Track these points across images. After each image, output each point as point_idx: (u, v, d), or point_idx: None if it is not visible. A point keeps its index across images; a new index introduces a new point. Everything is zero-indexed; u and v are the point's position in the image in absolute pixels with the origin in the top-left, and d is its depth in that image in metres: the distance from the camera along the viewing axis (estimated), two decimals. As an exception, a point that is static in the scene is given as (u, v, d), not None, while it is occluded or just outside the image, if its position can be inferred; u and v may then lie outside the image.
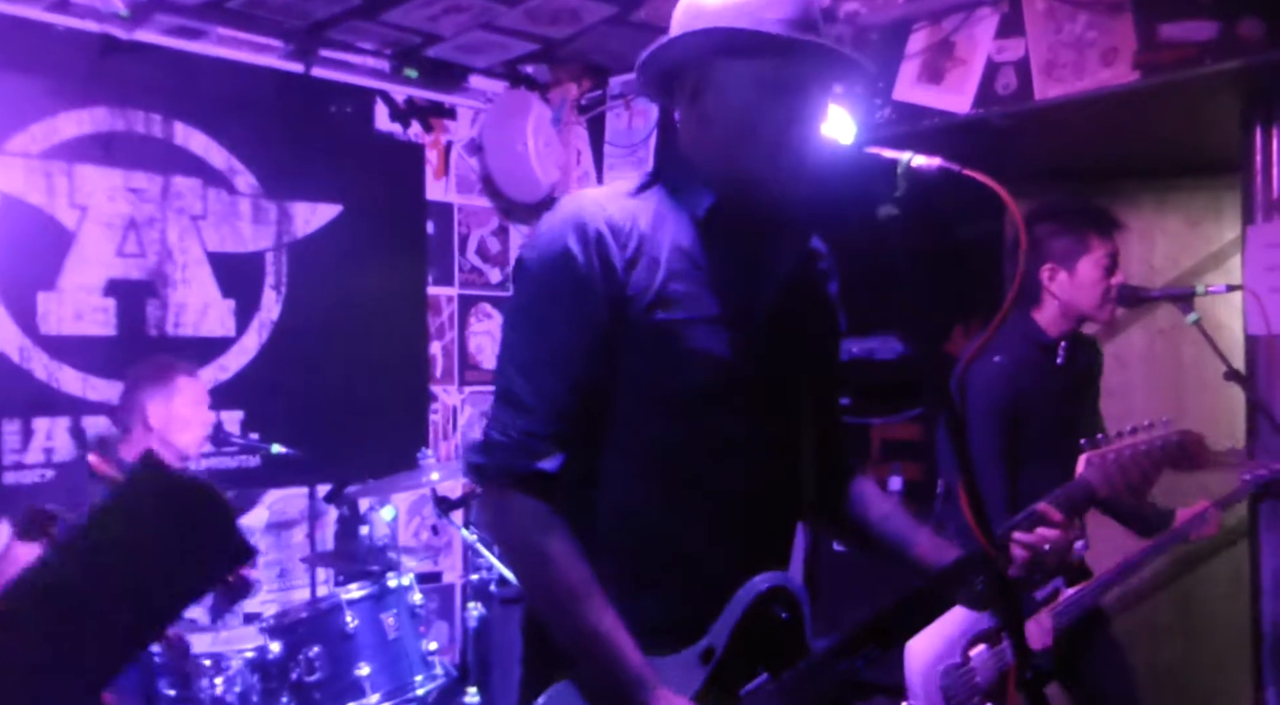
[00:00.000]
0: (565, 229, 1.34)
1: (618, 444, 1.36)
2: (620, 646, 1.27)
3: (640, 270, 1.34)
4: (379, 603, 2.79)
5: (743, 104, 1.35)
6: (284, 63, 3.77)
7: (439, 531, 4.12)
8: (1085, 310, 2.52)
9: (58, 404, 3.28)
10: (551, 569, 1.30)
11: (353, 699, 2.65)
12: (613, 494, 1.37)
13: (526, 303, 1.37)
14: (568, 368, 1.33)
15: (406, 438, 3.94)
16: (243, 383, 3.66)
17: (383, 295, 4.04)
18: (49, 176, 3.30)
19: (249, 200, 3.73)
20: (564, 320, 1.33)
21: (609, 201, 1.38)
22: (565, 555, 1.30)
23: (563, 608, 1.30)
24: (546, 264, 1.34)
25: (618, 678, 1.27)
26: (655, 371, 1.34)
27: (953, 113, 3.16)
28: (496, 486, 1.34)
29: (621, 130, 4.12)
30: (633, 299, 1.33)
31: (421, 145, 4.21)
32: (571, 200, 1.40)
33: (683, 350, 1.34)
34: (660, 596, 1.36)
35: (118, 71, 3.42)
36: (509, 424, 1.33)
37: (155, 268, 3.51)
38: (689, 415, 1.36)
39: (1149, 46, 2.75)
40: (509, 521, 1.34)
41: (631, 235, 1.34)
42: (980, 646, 2.30)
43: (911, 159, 1.28)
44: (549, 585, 1.31)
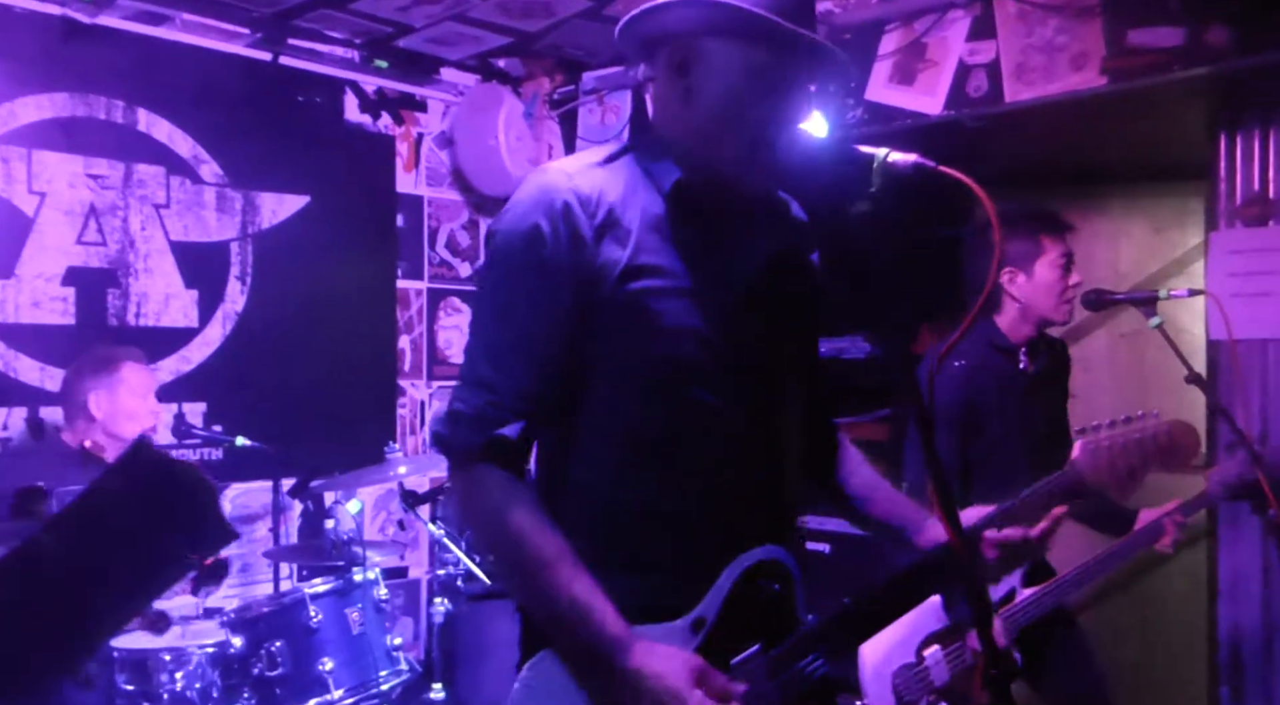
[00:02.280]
0: (532, 202, 1.33)
1: (594, 422, 1.35)
2: (596, 610, 1.26)
3: (609, 241, 1.32)
4: (343, 597, 2.76)
5: (732, 89, 1.34)
6: (251, 51, 3.71)
7: (405, 526, 4.09)
8: (1044, 312, 2.55)
9: (14, 393, 3.21)
10: (520, 538, 1.28)
11: (316, 694, 2.62)
12: (593, 473, 1.36)
13: (494, 278, 1.36)
14: (532, 344, 1.32)
15: (373, 432, 3.89)
16: (206, 374, 3.60)
17: (351, 288, 4.00)
18: (6, 162, 3.23)
19: (214, 189, 3.67)
20: (530, 295, 1.31)
21: (577, 172, 1.35)
22: (533, 523, 1.29)
23: (533, 576, 1.28)
24: (513, 239, 1.33)
25: (595, 641, 1.26)
26: (628, 345, 1.33)
27: (924, 114, 3.19)
28: (461, 457, 1.33)
29: (594, 125, 4.10)
30: (602, 270, 1.31)
31: (392, 137, 4.17)
32: (539, 173, 1.38)
33: (655, 323, 1.32)
34: (647, 575, 1.35)
35: (80, 56, 3.35)
36: (471, 397, 1.33)
37: (116, 256, 3.45)
38: (664, 390, 1.34)
39: (1117, 52, 2.79)
40: (475, 493, 1.33)
41: (600, 205, 1.32)
42: (934, 647, 2.32)
43: (887, 155, 1.28)
44: (518, 555, 1.29)
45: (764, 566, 1.37)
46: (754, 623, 1.35)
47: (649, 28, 1.38)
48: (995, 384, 2.52)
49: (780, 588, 1.38)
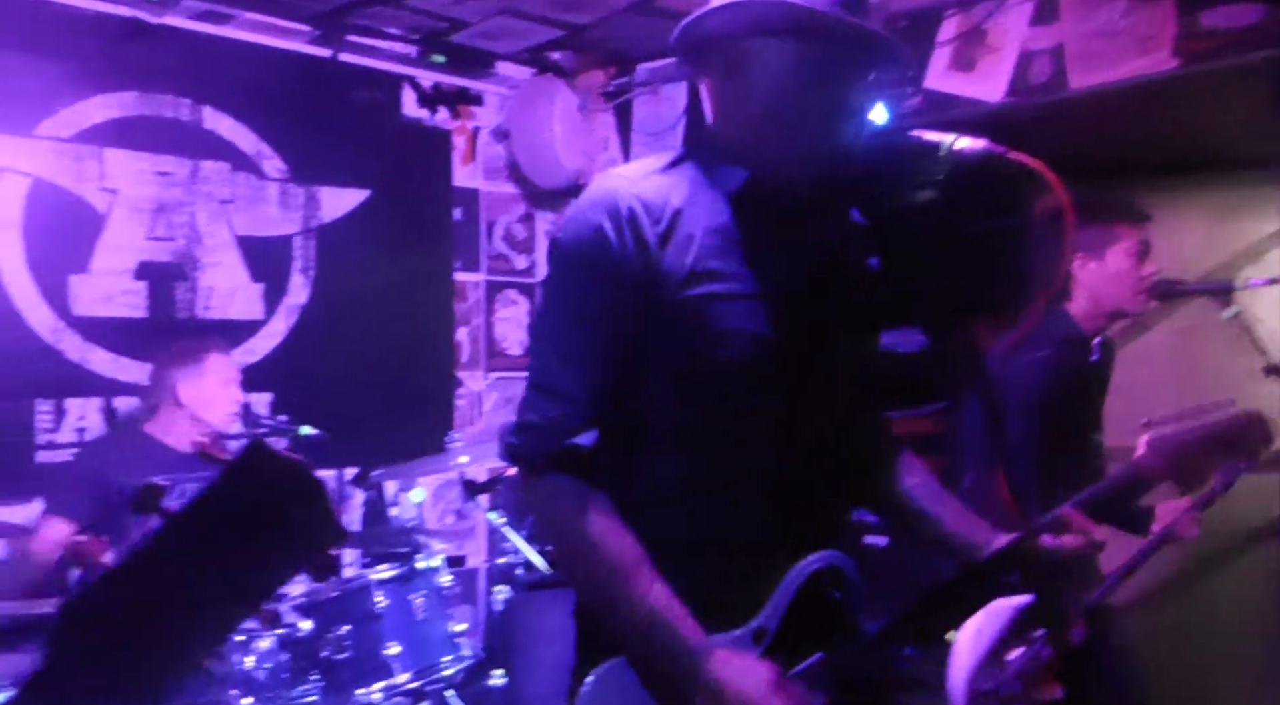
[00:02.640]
0: (597, 208, 1.33)
1: (656, 427, 1.35)
2: (675, 618, 1.25)
3: (673, 247, 1.32)
4: (407, 584, 2.81)
5: (785, 86, 1.33)
6: (311, 47, 3.77)
7: (464, 516, 4.14)
8: (1117, 302, 2.50)
9: (89, 385, 3.31)
10: (598, 547, 1.29)
11: (381, 678, 2.67)
12: (655, 477, 1.36)
13: (559, 284, 1.37)
14: (601, 350, 1.32)
15: (432, 422, 3.96)
16: (271, 365, 3.68)
17: (409, 280, 4.05)
18: (79, 160, 3.32)
19: (277, 185, 3.75)
20: (597, 301, 1.32)
21: (641, 178, 1.36)
22: (611, 532, 1.29)
23: (610, 586, 1.28)
24: (579, 244, 1.33)
25: (674, 649, 1.25)
26: (691, 350, 1.32)
27: (984, 101, 3.14)
28: (533, 468, 1.34)
29: (649, 117, 4.10)
30: (667, 276, 1.31)
31: (448, 131, 4.22)
32: (602, 179, 1.38)
33: (718, 327, 1.32)
34: (706, 580, 1.33)
35: (146, 56, 3.43)
36: (543, 406, 1.33)
37: (184, 251, 3.54)
38: (726, 394, 1.34)
39: (1190, 33, 2.72)
40: (549, 503, 1.33)
41: (664, 211, 1.32)
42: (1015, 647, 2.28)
43: (955, 142, 1.27)
44: (596, 563, 1.29)
45: (825, 574, 1.36)
46: (815, 631, 1.34)
47: (698, 35, 1.38)
48: (1073, 374, 2.48)
49: (841, 595, 1.37)
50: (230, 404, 3.09)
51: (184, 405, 3.02)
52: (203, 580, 0.62)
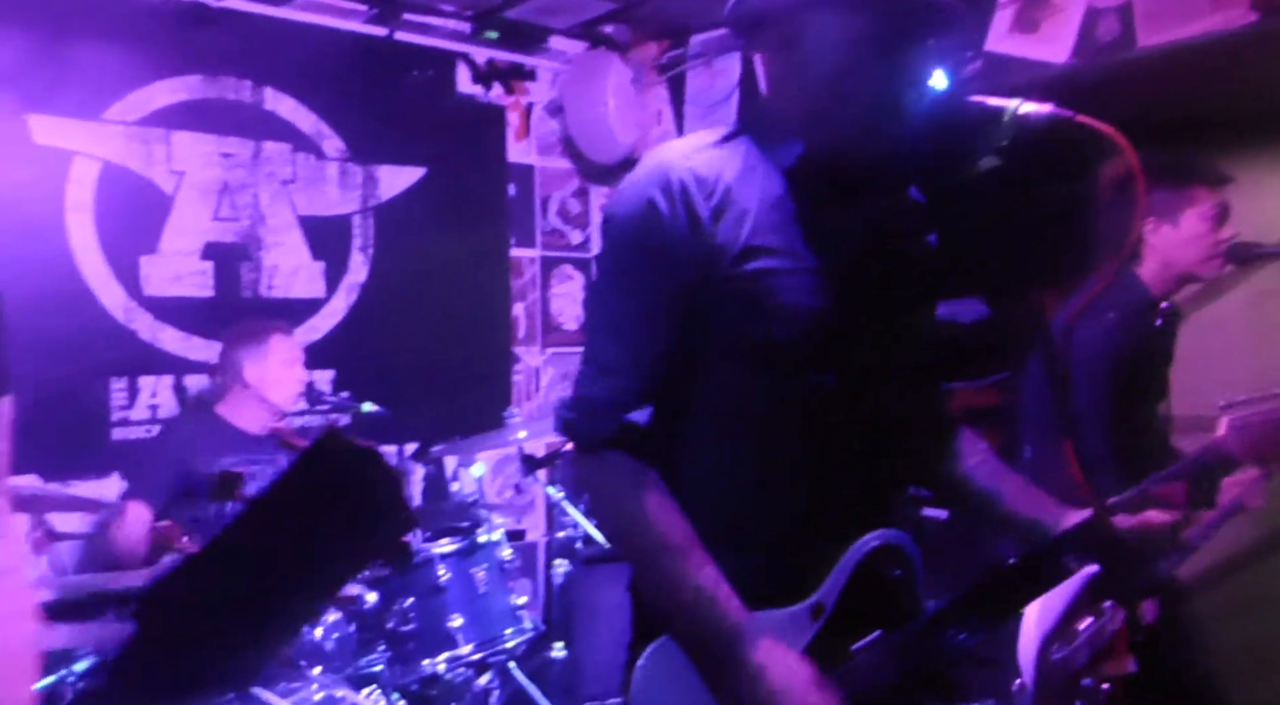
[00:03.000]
0: (649, 182, 1.32)
1: (709, 403, 1.35)
2: (721, 600, 1.26)
3: (727, 221, 1.30)
4: (469, 558, 2.86)
5: (840, 58, 1.30)
6: (368, 27, 3.81)
7: (522, 490, 4.19)
8: (1190, 266, 2.42)
9: (161, 363, 3.41)
10: (649, 525, 1.29)
11: (446, 649, 2.73)
12: (705, 452, 1.36)
13: (612, 259, 1.36)
14: (655, 325, 1.32)
15: (490, 398, 4.00)
16: (333, 343, 3.75)
17: (466, 257, 4.09)
18: (147, 143, 3.40)
19: (336, 164, 3.80)
20: (650, 276, 1.31)
21: (694, 152, 1.34)
22: (662, 510, 1.29)
23: (659, 563, 1.29)
24: (631, 219, 1.32)
25: (718, 631, 1.26)
26: (744, 326, 1.31)
27: (1049, 63, 3.04)
28: (587, 443, 1.34)
29: (702, 90, 4.07)
30: (720, 251, 1.30)
31: (503, 107, 4.23)
32: (655, 153, 1.37)
33: (771, 303, 1.30)
34: (761, 555, 1.34)
35: (209, 39, 3.49)
36: (597, 382, 1.33)
37: (248, 231, 3.61)
38: (779, 369, 1.33)
39: (1269, -15, 2.60)
40: (602, 479, 1.34)
41: (717, 185, 1.31)
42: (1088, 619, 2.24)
43: (1019, 106, 1.23)
44: (646, 541, 1.30)
45: (885, 551, 1.35)
46: (874, 608, 1.34)
47: (751, 10, 1.36)
48: (1142, 339, 2.41)
49: (901, 573, 1.36)
50: (295, 384, 3.16)
51: (250, 385, 3.09)
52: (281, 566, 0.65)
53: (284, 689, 2.40)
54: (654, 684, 1.32)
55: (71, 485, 3.20)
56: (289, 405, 3.17)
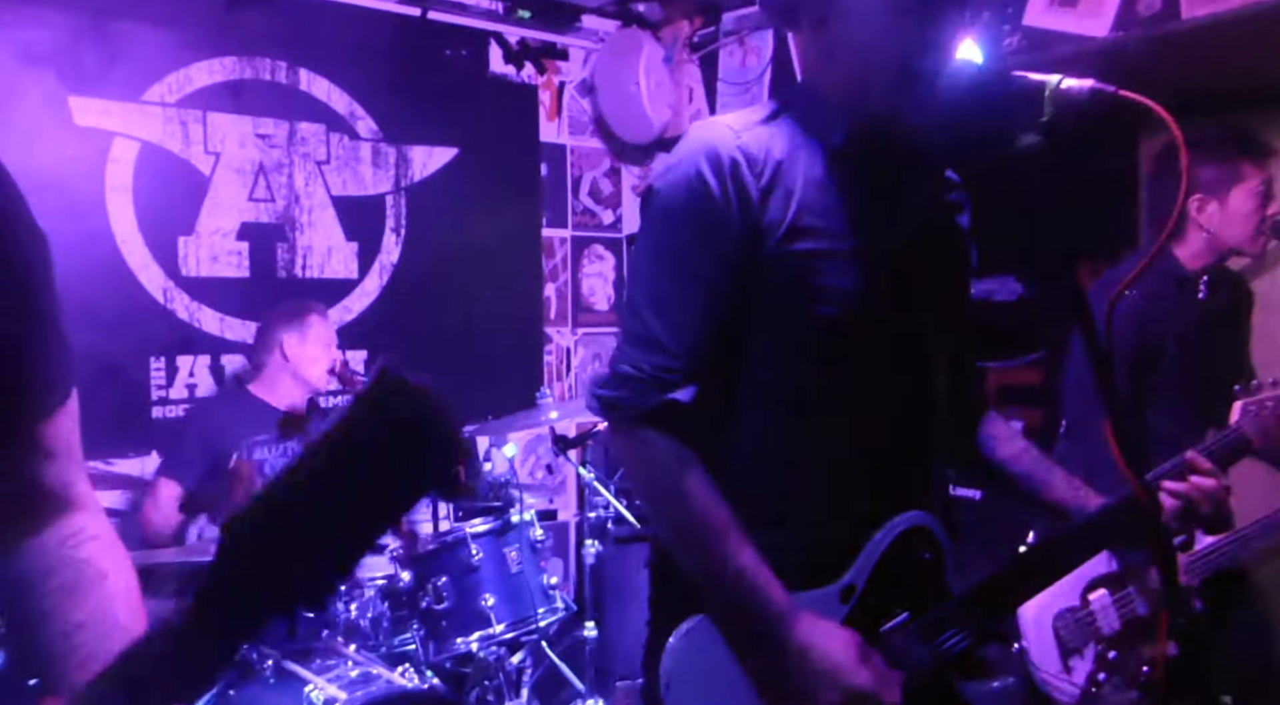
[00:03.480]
0: (698, 157, 1.29)
1: (749, 381, 1.34)
2: (763, 581, 1.25)
3: (775, 201, 1.29)
4: (501, 537, 2.88)
5: (871, 33, 1.29)
6: (401, 7, 3.80)
7: (553, 470, 4.21)
8: (1236, 243, 2.39)
9: (198, 342, 3.46)
10: (690, 506, 1.27)
11: (479, 628, 2.75)
12: (744, 432, 1.35)
13: (658, 235, 1.33)
14: (702, 302, 1.29)
15: (522, 378, 4.02)
16: (366, 323, 3.79)
17: (498, 237, 4.10)
18: (184, 124, 3.44)
19: (369, 145, 3.82)
20: (698, 253, 1.29)
21: (743, 129, 1.32)
22: (703, 492, 1.28)
23: (702, 545, 1.27)
24: (680, 195, 1.30)
25: (762, 612, 1.25)
26: (787, 306, 1.30)
27: (1089, 37, 2.98)
28: (628, 422, 1.31)
29: (735, 67, 4.03)
30: (767, 230, 1.28)
31: (535, 87, 4.22)
32: (703, 127, 1.35)
33: (815, 284, 1.30)
34: (794, 534, 1.34)
35: (245, 21, 3.51)
36: (640, 358, 1.30)
37: (284, 212, 3.64)
38: (820, 349, 1.32)
39: (1318, -45, 2.53)
40: (644, 458, 1.31)
41: (766, 164, 1.30)
42: (1100, 591, 2.23)
43: (1060, 82, 1.20)
44: (687, 522, 1.28)
45: (914, 533, 1.35)
46: (902, 590, 1.34)
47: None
48: (1171, 316, 2.38)
49: (930, 556, 1.36)
50: (327, 361, 3.22)
51: (290, 361, 3.15)
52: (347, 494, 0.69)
53: (320, 666, 2.44)
54: (690, 663, 1.31)
55: (112, 463, 3.26)
56: (322, 384, 3.22)
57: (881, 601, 1.33)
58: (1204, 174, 2.37)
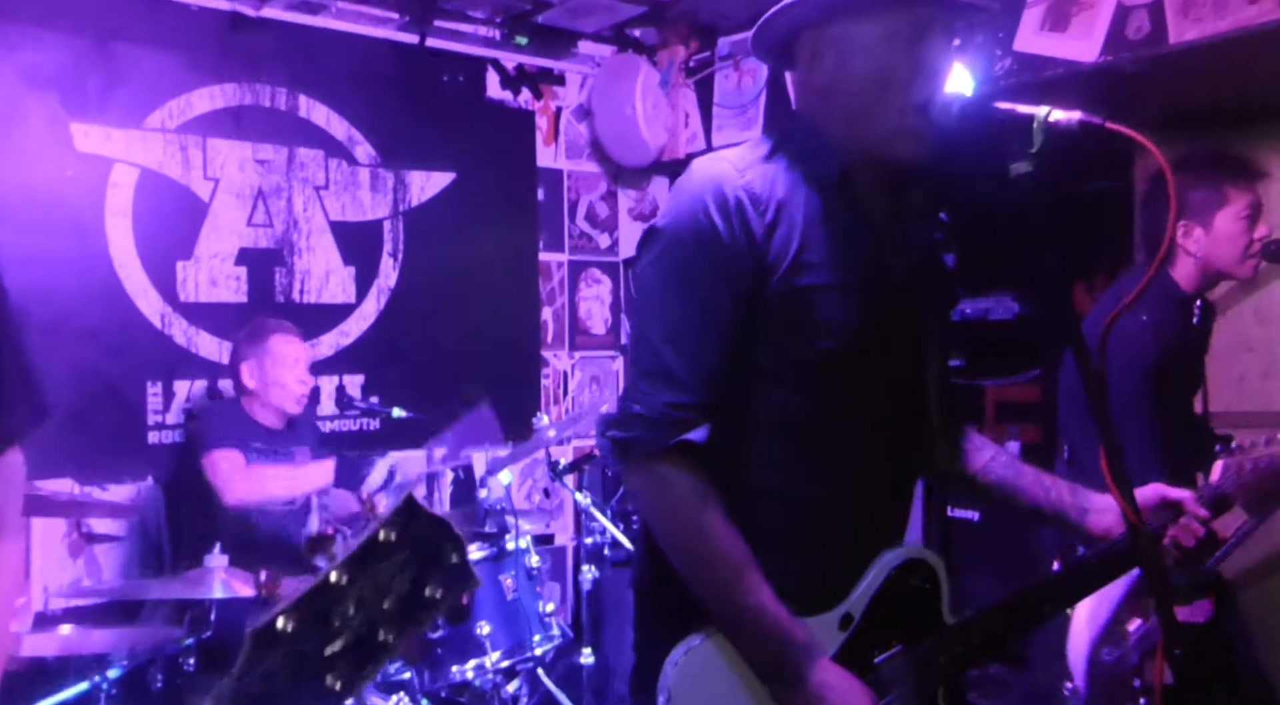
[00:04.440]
0: (704, 196, 1.32)
1: (753, 414, 1.35)
2: (784, 620, 1.28)
3: (778, 238, 1.31)
4: (497, 564, 2.87)
5: (864, 64, 1.32)
6: (400, 34, 3.84)
7: (550, 494, 4.20)
8: (1225, 267, 2.38)
9: (195, 367, 3.46)
10: (711, 542, 1.29)
11: (474, 655, 2.74)
12: (746, 458, 1.36)
13: (666, 272, 1.34)
14: (715, 336, 1.31)
15: (520, 402, 4.01)
16: (363, 348, 3.79)
17: (495, 261, 4.11)
18: (184, 150, 3.46)
19: (368, 170, 3.84)
20: (708, 288, 1.31)
21: (746, 167, 1.35)
22: (723, 528, 1.29)
23: (724, 582, 1.29)
24: (688, 233, 1.32)
25: (784, 649, 1.27)
26: (786, 339, 1.33)
27: (1079, 61, 3.01)
28: (643, 461, 1.32)
29: (730, 91, 4.06)
30: (771, 267, 1.31)
31: (531, 112, 4.24)
32: (707, 165, 1.37)
33: (813, 318, 1.32)
34: (794, 561, 1.35)
35: (246, 47, 3.54)
36: (651, 396, 1.30)
37: (282, 236, 3.65)
38: (818, 383, 1.34)
39: (1301, -20, 2.56)
40: (662, 495, 1.32)
41: (769, 202, 1.32)
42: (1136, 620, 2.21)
43: (1048, 114, 1.22)
44: (706, 558, 1.30)
45: (912, 565, 1.38)
46: (899, 621, 1.36)
47: (777, 31, 1.38)
48: (1178, 338, 2.38)
49: (925, 587, 1.38)
50: (296, 385, 3.13)
51: (251, 391, 3.11)
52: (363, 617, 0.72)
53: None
54: (693, 680, 1.31)
55: (108, 488, 3.25)
56: (292, 407, 3.16)
57: (877, 631, 1.35)
58: (1189, 199, 2.36)
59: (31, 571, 3.11)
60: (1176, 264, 2.42)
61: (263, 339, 3.13)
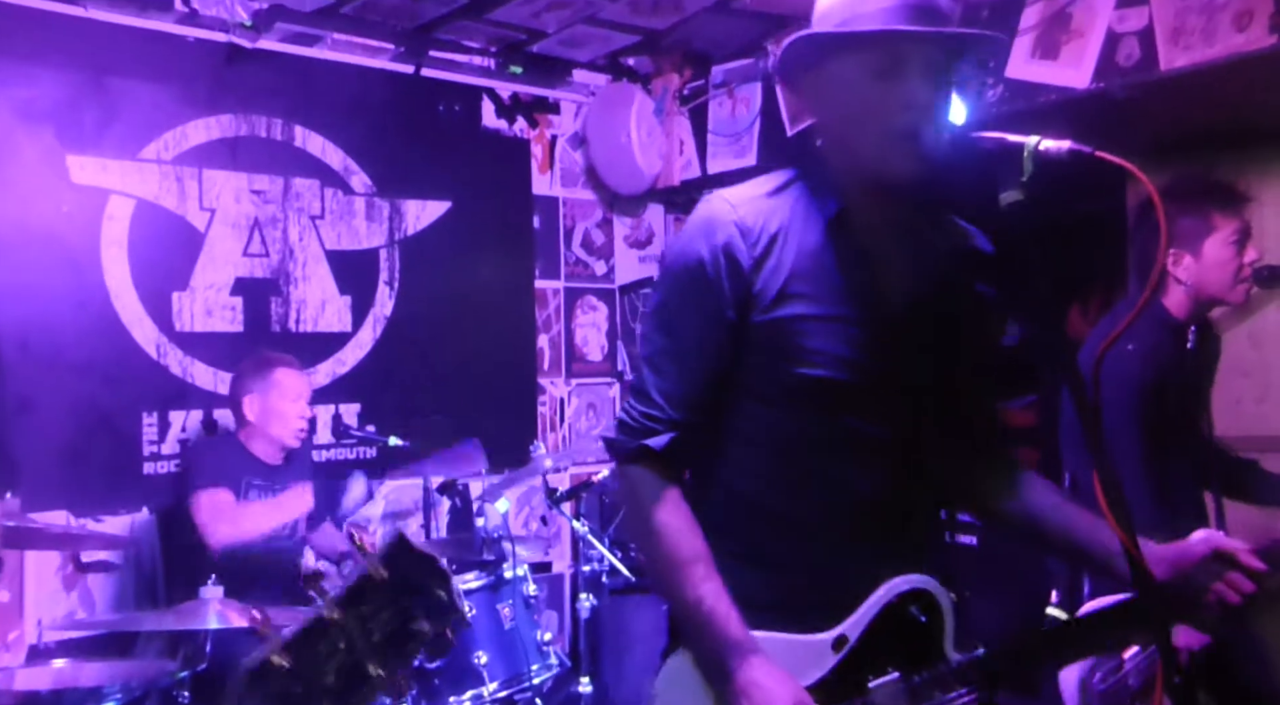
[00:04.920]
0: (697, 233, 1.42)
1: (741, 431, 1.42)
2: (720, 613, 1.32)
3: (766, 269, 1.38)
4: (495, 593, 2.85)
5: (845, 101, 1.36)
6: (395, 64, 3.87)
7: (548, 522, 4.19)
8: (1216, 293, 2.39)
9: (191, 397, 3.45)
10: (661, 536, 1.38)
11: (472, 686, 2.72)
12: (737, 476, 1.44)
13: (659, 302, 1.47)
14: (689, 364, 1.41)
15: (517, 429, 4.01)
16: (359, 376, 3.79)
17: (491, 289, 4.12)
18: (180, 181, 3.47)
19: (364, 199, 3.85)
20: (689, 321, 1.41)
21: (742, 203, 1.42)
22: (673, 524, 1.38)
23: (668, 574, 1.37)
24: (678, 266, 1.43)
25: (715, 643, 1.31)
26: (774, 365, 1.39)
27: (1070, 88, 3.04)
28: (620, 460, 1.45)
29: (724, 119, 4.09)
30: (758, 296, 1.38)
31: (527, 140, 4.27)
32: (707, 203, 1.45)
33: (800, 346, 1.37)
34: (782, 574, 1.40)
35: (242, 79, 3.56)
36: (633, 407, 1.44)
37: (278, 266, 3.66)
38: (806, 408, 1.38)
39: (1289, 8, 2.59)
40: (628, 492, 1.45)
41: (761, 236, 1.39)
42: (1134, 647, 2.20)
43: (1039, 143, 1.23)
44: (656, 552, 1.39)
45: (915, 596, 1.39)
46: (896, 649, 1.38)
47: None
48: (1173, 364, 2.38)
49: (927, 619, 1.39)
50: (295, 420, 3.14)
51: (252, 422, 3.11)
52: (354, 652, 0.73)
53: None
54: (671, 686, 1.40)
55: (103, 520, 3.23)
56: (290, 441, 3.17)
57: (873, 657, 1.36)
58: (1177, 227, 2.36)
59: (25, 604, 3.09)
60: (1169, 292, 2.43)
61: (267, 372, 3.14)
